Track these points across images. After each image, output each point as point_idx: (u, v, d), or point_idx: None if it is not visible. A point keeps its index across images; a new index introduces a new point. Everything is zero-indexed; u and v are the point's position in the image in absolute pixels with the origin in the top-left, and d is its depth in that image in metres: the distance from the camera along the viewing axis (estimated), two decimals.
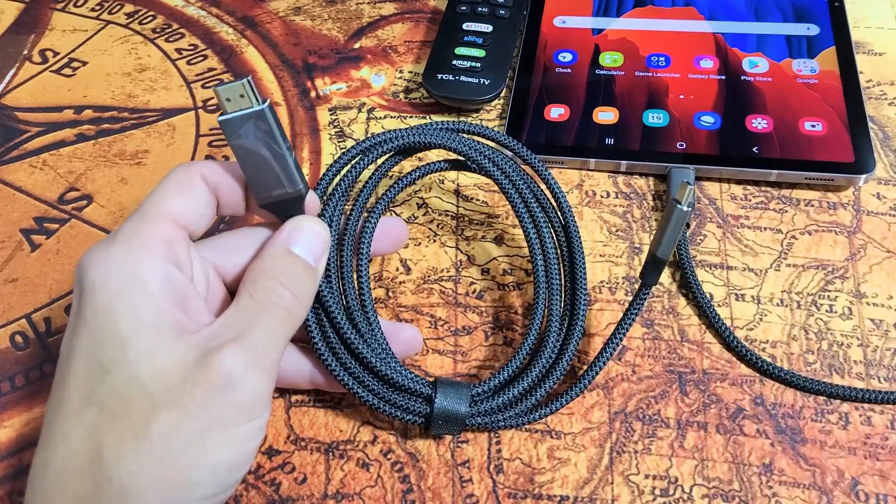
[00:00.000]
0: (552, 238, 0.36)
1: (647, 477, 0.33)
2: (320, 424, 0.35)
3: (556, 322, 0.35)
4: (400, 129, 0.36)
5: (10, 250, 0.42)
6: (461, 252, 0.40)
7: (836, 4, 0.49)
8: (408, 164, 0.44)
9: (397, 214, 0.42)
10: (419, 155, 0.43)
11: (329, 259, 0.33)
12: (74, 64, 0.52)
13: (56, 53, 0.53)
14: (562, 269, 0.36)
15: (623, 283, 0.39)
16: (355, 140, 0.46)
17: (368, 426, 0.35)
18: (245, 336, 0.27)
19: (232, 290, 0.33)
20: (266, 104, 0.29)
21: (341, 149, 0.45)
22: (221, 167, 0.31)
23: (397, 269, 0.40)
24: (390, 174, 0.43)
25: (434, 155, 0.43)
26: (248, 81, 0.29)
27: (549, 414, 0.34)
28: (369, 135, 0.36)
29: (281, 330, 0.29)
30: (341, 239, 0.35)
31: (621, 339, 0.34)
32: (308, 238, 0.31)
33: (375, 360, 0.32)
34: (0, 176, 0.46)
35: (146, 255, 0.27)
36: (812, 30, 0.48)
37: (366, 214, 0.36)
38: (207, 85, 0.50)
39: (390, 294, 0.39)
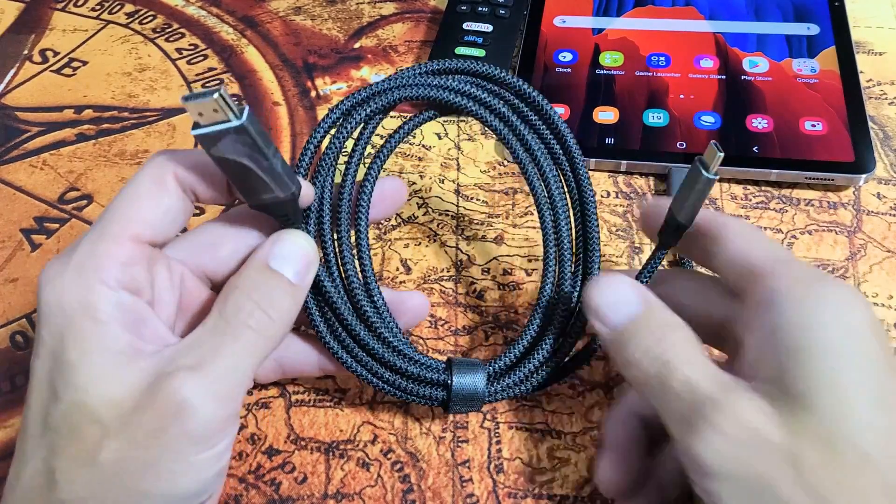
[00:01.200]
0: (560, 182, 0.33)
1: None
2: (320, 424, 0.35)
3: (567, 284, 0.32)
4: (376, 85, 0.32)
5: (10, 250, 0.42)
6: (461, 252, 0.40)
7: (836, 4, 0.49)
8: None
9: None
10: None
11: (326, 240, 0.32)
12: (74, 64, 0.52)
13: (56, 53, 0.53)
14: (572, 221, 0.33)
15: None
16: (355, 139, 0.46)
17: (368, 426, 0.35)
18: (204, 362, 0.26)
19: (218, 288, 0.31)
20: (245, 118, 0.25)
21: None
22: (199, 161, 0.29)
23: (397, 269, 0.40)
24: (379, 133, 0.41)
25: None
26: (221, 96, 0.25)
27: (567, 373, 0.33)
28: (341, 99, 0.32)
29: (248, 353, 0.27)
30: (336, 215, 0.32)
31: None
32: (290, 253, 0.29)
33: (386, 351, 0.32)
34: (0, 176, 0.46)
35: (97, 281, 0.26)
36: (812, 29, 0.48)
37: (359, 186, 0.33)
38: (208, 85, 0.50)
39: None
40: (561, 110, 0.45)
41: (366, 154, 0.34)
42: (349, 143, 0.34)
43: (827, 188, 0.42)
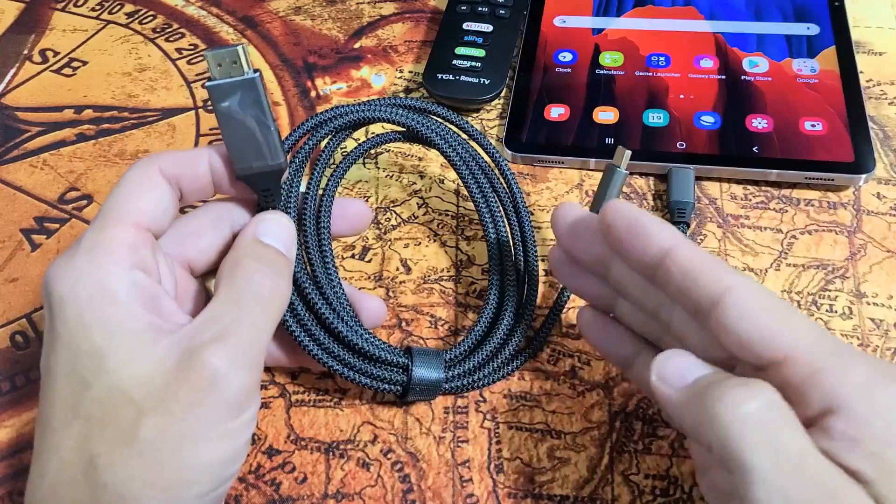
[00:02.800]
0: (497, 201, 0.38)
1: (647, 477, 0.33)
2: (320, 424, 0.35)
3: (512, 279, 0.36)
4: (345, 106, 0.36)
5: (10, 250, 0.42)
6: (461, 252, 0.40)
7: (836, 4, 0.49)
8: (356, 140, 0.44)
9: (395, 211, 0.42)
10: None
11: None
12: (74, 64, 0.52)
13: (56, 53, 0.53)
14: (510, 232, 0.38)
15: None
16: (355, 140, 0.46)
17: (368, 426, 0.35)
18: (228, 333, 0.27)
19: (199, 275, 0.33)
20: (257, 73, 0.29)
21: (341, 149, 0.45)
22: (182, 157, 0.30)
23: (397, 269, 0.40)
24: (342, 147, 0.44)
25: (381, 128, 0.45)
26: (243, 48, 0.29)
27: (517, 368, 0.36)
28: (313, 115, 0.36)
29: (264, 320, 0.28)
30: (301, 218, 0.35)
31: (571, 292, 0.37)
32: (276, 229, 0.31)
33: (349, 332, 0.33)
34: (0, 176, 0.46)
35: (110, 263, 0.27)
36: (812, 29, 0.48)
37: (321, 192, 0.36)
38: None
39: (390, 294, 0.39)
40: (561, 110, 0.45)
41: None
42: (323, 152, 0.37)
43: (827, 188, 0.42)
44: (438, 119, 0.38)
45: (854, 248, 0.39)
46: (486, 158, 0.38)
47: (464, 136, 0.38)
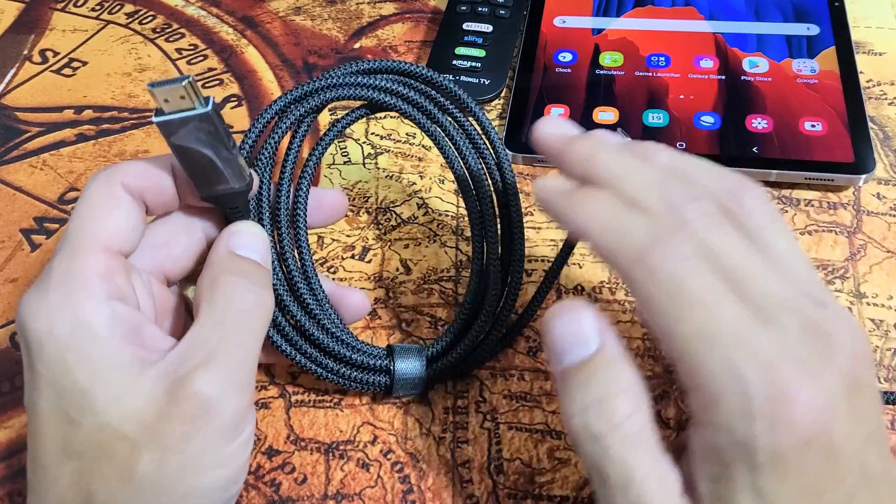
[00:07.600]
0: (485, 173, 0.35)
1: None
2: (320, 424, 0.35)
3: (496, 268, 0.35)
4: (308, 84, 0.33)
5: (10, 250, 0.42)
6: (461, 252, 0.40)
7: (836, 4, 0.49)
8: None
9: (395, 211, 0.42)
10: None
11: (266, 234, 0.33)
12: (74, 64, 0.52)
13: (56, 53, 0.53)
14: (497, 214, 0.35)
15: (623, 284, 0.39)
16: (355, 140, 0.46)
17: (368, 426, 0.35)
18: (215, 356, 0.26)
19: (176, 282, 0.32)
20: (210, 106, 0.27)
21: (341, 149, 0.45)
22: (144, 168, 0.29)
23: (397, 270, 0.40)
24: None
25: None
26: (190, 83, 0.26)
27: (497, 352, 0.36)
28: (277, 97, 0.34)
29: (250, 337, 0.28)
30: (275, 212, 0.34)
31: (554, 280, 0.35)
32: (250, 240, 0.30)
33: (328, 340, 0.33)
34: (0, 176, 0.46)
35: (86, 297, 0.26)
36: (812, 30, 0.48)
37: (295, 183, 0.34)
38: (208, 84, 0.50)
39: (390, 294, 0.39)
40: (561, 110, 0.45)
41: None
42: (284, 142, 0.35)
43: (827, 188, 0.42)
44: (410, 79, 0.35)
45: (854, 248, 0.39)
46: (475, 126, 0.35)
47: (457, 110, 0.35)
